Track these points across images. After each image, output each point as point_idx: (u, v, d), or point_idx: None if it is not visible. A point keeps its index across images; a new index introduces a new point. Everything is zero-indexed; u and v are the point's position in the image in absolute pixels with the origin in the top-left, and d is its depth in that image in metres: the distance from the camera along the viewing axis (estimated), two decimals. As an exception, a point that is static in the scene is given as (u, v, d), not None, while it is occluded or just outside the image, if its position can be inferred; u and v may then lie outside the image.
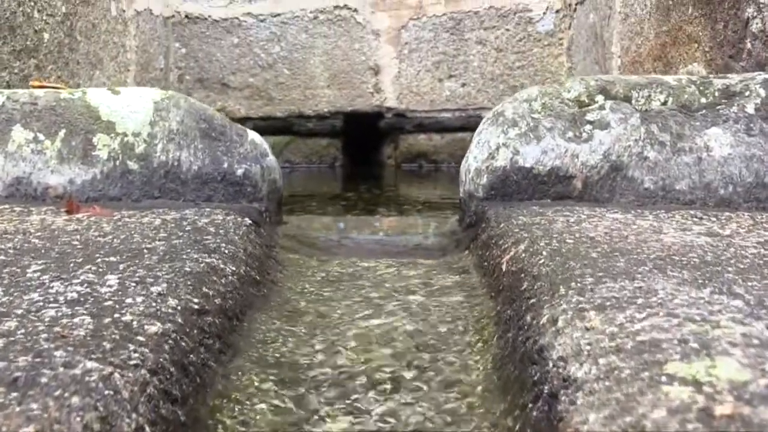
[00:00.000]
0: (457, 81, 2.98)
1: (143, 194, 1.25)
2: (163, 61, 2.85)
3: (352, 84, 2.99)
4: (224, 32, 2.96)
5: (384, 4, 2.97)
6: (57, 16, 1.92)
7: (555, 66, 2.98)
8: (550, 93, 1.29)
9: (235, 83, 2.98)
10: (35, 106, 1.29)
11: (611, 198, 1.24)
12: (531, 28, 2.97)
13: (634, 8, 2.14)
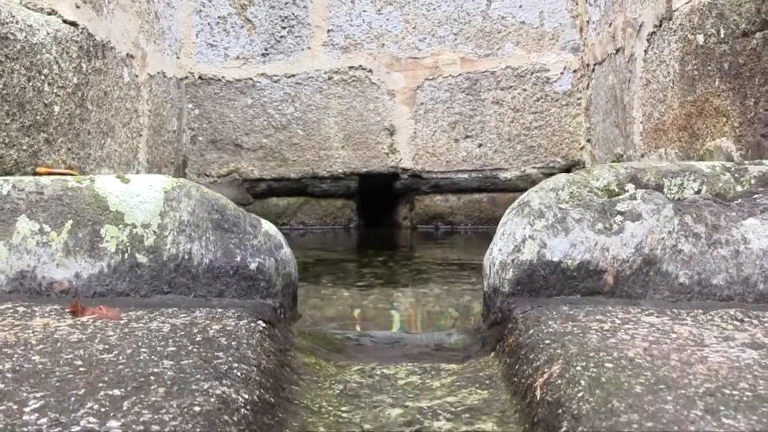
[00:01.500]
0: (473, 141, 2.94)
1: (152, 289, 1.19)
2: (176, 122, 2.82)
3: (367, 145, 2.95)
4: (238, 93, 2.94)
5: (399, 64, 2.94)
6: (68, 87, 1.89)
7: (573, 126, 2.93)
8: (578, 181, 1.24)
9: (249, 144, 2.95)
10: (41, 196, 1.24)
11: (644, 294, 1.17)
12: (548, 88, 2.93)
13: (657, 75, 2.10)
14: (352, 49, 2.94)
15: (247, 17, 2.93)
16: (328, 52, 2.93)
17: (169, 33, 2.78)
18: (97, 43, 2.08)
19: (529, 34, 2.93)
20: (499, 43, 2.93)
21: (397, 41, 2.93)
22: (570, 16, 2.93)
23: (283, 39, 2.93)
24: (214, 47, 2.94)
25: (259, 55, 2.94)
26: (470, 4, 2.93)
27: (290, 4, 2.93)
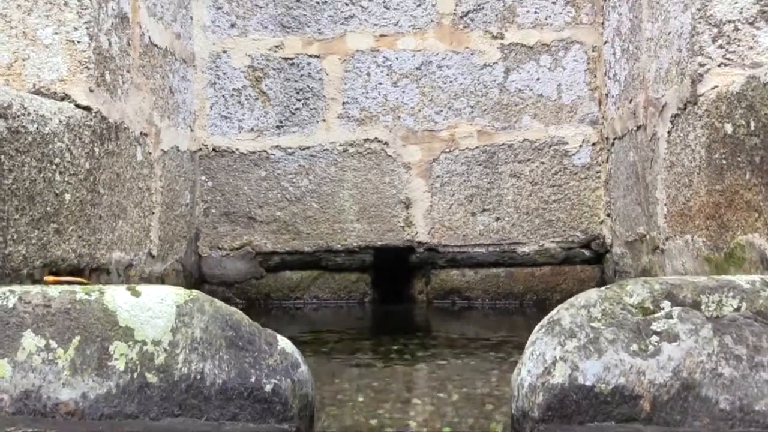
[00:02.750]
0: (490, 215, 2.88)
1: (162, 411, 1.13)
2: (189, 196, 2.78)
3: (382, 218, 2.90)
4: (252, 165, 2.90)
5: (415, 137, 2.90)
6: (80, 174, 1.85)
7: (592, 200, 2.88)
8: (611, 298, 1.18)
9: (262, 217, 2.90)
10: (48, 309, 1.19)
11: (683, 420, 1.10)
12: (567, 161, 2.88)
13: (681, 158, 2.04)
14: (368, 122, 2.90)
15: (262, 89, 2.91)
16: (343, 124, 2.90)
17: (183, 106, 2.75)
18: (110, 125, 2.05)
19: (546, 107, 2.89)
20: (516, 115, 2.89)
21: (413, 114, 2.90)
22: (588, 88, 2.89)
23: (298, 111, 2.91)
24: (228, 119, 2.91)
25: (273, 127, 2.91)
26: (487, 77, 2.90)
27: (305, 76, 2.91)
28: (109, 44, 2.06)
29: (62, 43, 1.92)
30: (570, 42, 2.90)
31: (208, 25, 2.93)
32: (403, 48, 2.92)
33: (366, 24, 2.92)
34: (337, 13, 2.92)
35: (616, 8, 2.68)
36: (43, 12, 1.93)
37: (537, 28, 2.91)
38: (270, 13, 2.92)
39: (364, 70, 2.91)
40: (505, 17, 2.91)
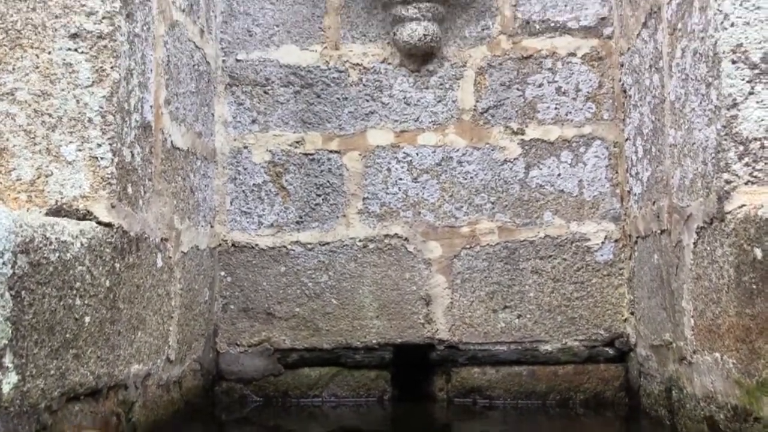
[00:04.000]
0: (512, 312, 2.84)
1: None
2: (207, 292, 2.77)
3: (402, 315, 2.87)
4: (271, 261, 2.89)
5: (435, 233, 2.88)
6: (100, 294, 1.83)
7: (615, 297, 2.84)
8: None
9: (281, 313, 2.88)
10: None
11: None
12: (589, 257, 2.85)
13: (708, 272, 2.01)
14: (388, 217, 2.89)
15: (282, 185, 2.91)
16: (363, 220, 2.89)
17: (203, 204, 2.75)
18: (131, 238, 2.04)
19: (568, 203, 2.87)
20: (537, 211, 2.87)
21: (434, 209, 2.89)
22: (610, 184, 2.88)
23: (318, 207, 2.90)
24: (248, 215, 2.91)
25: (293, 222, 2.90)
26: (508, 173, 2.89)
27: (326, 172, 2.91)
28: (131, 156, 2.06)
29: (85, 160, 1.93)
30: (591, 138, 2.89)
31: (230, 121, 2.94)
32: (424, 144, 2.92)
33: (386, 120, 2.93)
34: (358, 109, 2.93)
35: (637, 107, 2.68)
36: (67, 128, 1.94)
37: (558, 124, 2.90)
38: (291, 109, 2.94)
39: (385, 166, 2.91)
40: (525, 113, 2.91)
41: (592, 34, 2.93)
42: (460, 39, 2.95)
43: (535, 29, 2.94)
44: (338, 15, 2.97)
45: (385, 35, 2.95)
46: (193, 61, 2.66)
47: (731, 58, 1.90)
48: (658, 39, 2.43)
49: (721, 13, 1.91)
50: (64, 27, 1.96)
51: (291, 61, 2.95)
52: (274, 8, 2.98)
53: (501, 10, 2.96)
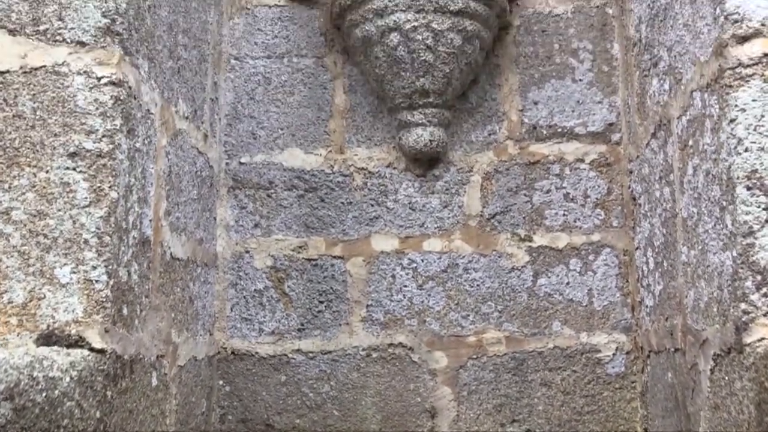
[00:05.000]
0: (520, 426, 2.74)
1: None
2: (205, 403, 2.67)
3: (406, 427, 2.76)
4: (271, 369, 2.80)
5: (441, 342, 2.80)
6: (89, 427, 1.75)
7: (628, 412, 2.74)
8: None
9: (281, 424, 2.78)
10: None
11: None
12: (600, 369, 2.76)
13: (727, 404, 1.92)
14: (392, 326, 2.81)
15: (284, 291, 2.85)
16: (366, 328, 2.81)
17: (203, 312, 2.68)
18: (125, 362, 1.96)
19: (577, 313, 2.80)
20: (546, 321, 2.80)
21: (439, 318, 2.81)
22: (620, 294, 2.80)
23: (321, 314, 2.83)
24: (248, 321, 2.83)
25: (294, 330, 2.82)
26: (515, 281, 2.82)
27: (329, 278, 2.84)
28: (128, 275, 2.00)
29: (79, 283, 1.87)
30: (600, 246, 2.83)
31: (232, 224, 2.89)
32: (429, 250, 2.86)
33: (391, 225, 2.88)
34: (362, 214, 2.88)
35: (647, 217, 2.62)
36: (62, 250, 1.88)
37: (566, 231, 2.85)
38: (294, 213, 2.89)
39: (389, 273, 2.85)
40: (533, 219, 2.86)
41: (600, 140, 2.89)
42: (467, 144, 2.92)
43: (542, 134, 2.90)
44: (343, 119, 2.95)
45: (390, 139, 2.92)
46: (196, 168, 2.62)
47: (746, 184, 1.84)
48: (668, 152, 2.39)
49: (735, 137, 1.86)
50: (63, 145, 1.92)
51: (295, 164, 2.92)
52: (279, 111, 2.96)
53: (507, 115, 2.93)
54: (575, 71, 2.93)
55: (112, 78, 1.95)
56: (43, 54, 1.96)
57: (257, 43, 2.99)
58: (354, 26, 2.81)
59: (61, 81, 1.95)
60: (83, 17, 1.97)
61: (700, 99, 2.08)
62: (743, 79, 1.88)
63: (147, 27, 2.16)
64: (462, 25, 2.73)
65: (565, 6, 2.97)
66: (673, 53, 2.34)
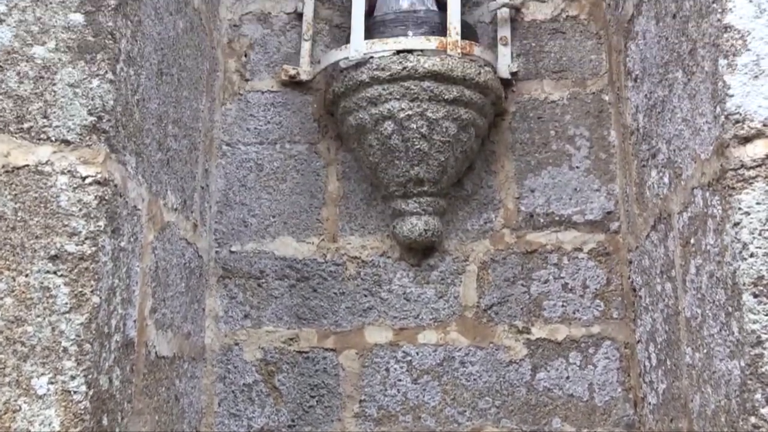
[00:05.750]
0: None
1: None
2: (190, 506, 2.55)
3: None
4: (260, 468, 2.69)
5: (437, 440, 2.69)
6: None
7: None
8: None
9: None
10: None
11: None
12: (602, 469, 2.65)
13: None
14: (386, 422, 2.71)
15: (275, 385, 2.75)
16: (359, 424, 2.71)
17: (189, 409, 2.58)
18: (103, 476, 1.86)
19: (578, 408, 2.70)
20: (546, 417, 2.70)
21: (435, 414, 2.71)
22: (622, 389, 2.71)
23: (312, 409, 2.73)
24: (237, 417, 2.73)
25: (285, 426, 2.72)
26: (513, 375, 2.73)
27: (320, 371, 2.75)
28: (109, 383, 1.91)
29: (57, 394, 1.78)
30: (600, 338, 2.75)
31: (221, 315, 2.81)
32: (424, 342, 2.77)
33: (385, 316, 2.80)
34: (356, 305, 2.81)
35: (648, 311, 2.55)
36: (39, 359, 1.80)
37: (565, 323, 2.77)
38: (285, 303, 2.81)
39: (383, 366, 2.76)
40: (530, 311, 2.78)
41: (598, 229, 2.83)
42: (462, 232, 2.86)
43: (540, 223, 2.85)
44: (336, 206, 2.89)
45: (384, 227, 2.86)
46: (184, 260, 2.55)
47: (752, 291, 1.77)
48: (668, 246, 2.33)
49: (739, 241, 1.80)
50: (44, 248, 1.85)
51: (287, 253, 2.85)
52: (271, 198, 2.90)
53: (504, 203, 2.88)
54: (572, 158, 2.89)
55: (96, 177, 1.89)
56: (27, 153, 1.91)
57: (249, 129, 2.95)
58: (348, 113, 2.77)
59: (44, 181, 1.89)
60: (69, 115, 1.92)
61: (702, 197, 2.03)
62: (746, 181, 1.83)
63: (135, 122, 2.11)
64: (457, 114, 2.69)
65: (560, 92, 2.94)
66: (672, 146, 2.29)
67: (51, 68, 1.95)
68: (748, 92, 1.86)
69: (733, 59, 1.88)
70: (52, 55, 1.96)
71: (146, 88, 2.19)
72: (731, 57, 1.88)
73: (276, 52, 3.01)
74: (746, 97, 1.86)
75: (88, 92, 1.93)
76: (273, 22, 3.04)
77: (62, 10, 1.98)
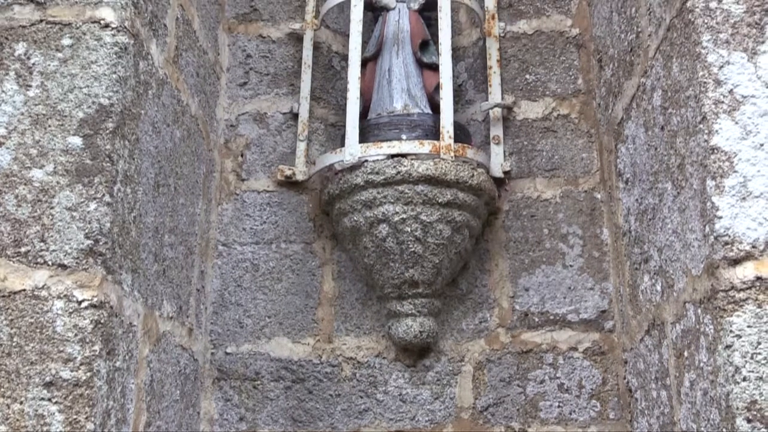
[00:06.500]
0: None
1: None
2: None
3: None
4: None
5: None
6: None
7: None
8: None
9: None
10: None
11: None
12: None
13: None
14: None
15: (270, 490, 2.72)
16: None
17: None
18: None
19: None
20: None
21: None
22: (620, 492, 2.69)
23: None
24: None
25: None
26: (510, 478, 2.71)
27: (316, 476, 2.73)
28: (102, 508, 1.89)
29: None
30: (598, 441, 2.74)
31: (216, 418, 2.80)
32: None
33: (381, 418, 2.78)
34: (351, 407, 2.80)
35: (644, 414, 2.54)
36: (32, 489, 1.79)
37: (561, 424, 2.76)
38: (281, 405, 2.80)
39: (379, 472, 2.74)
40: (527, 411, 2.77)
41: (592, 328, 2.84)
42: (457, 332, 2.86)
43: (534, 322, 2.86)
44: (332, 306, 2.90)
45: (379, 328, 2.87)
46: (179, 367, 2.55)
47: (746, 416, 1.78)
48: (663, 354, 2.34)
49: (732, 365, 1.81)
50: (39, 374, 1.86)
51: (282, 354, 2.85)
52: (267, 298, 2.91)
53: (498, 302, 2.89)
54: (565, 257, 2.91)
55: (93, 301, 1.91)
56: (24, 277, 1.92)
57: (246, 228, 2.97)
58: (343, 215, 2.80)
59: (40, 306, 1.90)
60: (66, 239, 1.94)
61: (694, 313, 2.05)
62: (737, 303, 1.85)
63: (132, 239, 2.13)
64: (451, 216, 2.72)
65: (553, 191, 2.98)
66: (663, 256, 2.32)
67: (49, 191, 1.98)
68: (736, 214, 1.89)
69: (721, 180, 1.92)
70: (50, 179, 1.99)
71: (143, 203, 2.22)
72: (719, 178, 1.92)
73: (272, 151, 3.06)
74: (735, 219, 1.89)
75: (86, 215, 1.96)
76: (269, 122, 3.09)
77: (61, 133, 2.02)
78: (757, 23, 2.02)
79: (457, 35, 3.31)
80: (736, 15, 2.02)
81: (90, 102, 2.03)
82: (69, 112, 2.03)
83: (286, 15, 3.21)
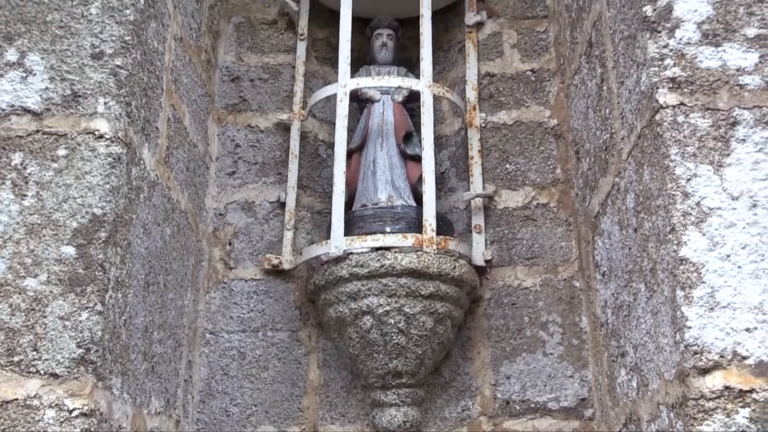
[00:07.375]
0: None
1: None
2: None
3: None
4: None
5: None
6: None
7: None
8: None
9: None
10: None
11: None
12: None
13: None
14: None
15: None
16: None
17: None
18: None
19: None
20: None
21: None
22: None
23: None
24: None
25: None
26: None
27: None
28: None
29: None
30: None
31: None
32: None
33: (365, 508, 2.82)
34: (336, 496, 2.83)
35: (624, 506, 2.59)
36: None
37: None
38: (266, 495, 2.84)
39: None
40: (509, 500, 2.82)
41: (572, 416, 2.90)
42: (440, 420, 2.91)
43: (516, 410, 2.91)
44: (317, 395, 2.95)
45: (364, 416, 2.92)
46: (167, 461, 2.58)
47: None
48: (640, 450, 2.39)
49: (703, 474, 1.88)
50: (30, 484, 1.90)
51: (268, 444, 2.89)
52: (253, 387, 2.96)
53: (480, 390, 2.95)
54: (546, 345, 2.98)
55: (83, 410, 1.96)
56: (16, 386, 1.97)
57: (233, 317, 3.03)
58: (328, 305, 2.86)
59: (32, 415, 1.95)
60: (58, 348, 2.00)
61: (667, 416, 2.11)
62: (707, 412, 1.91)
63: (122, 342, 2.19)
64: (434, 308, 2.79)
65: (533, 279, 3.06)
66: (638, 354, 2.39)
67: (42, 300, 2.04)
68: (704, 324, 1.97)
69: (690, 291, 2.00)
70: (43, 288, 2.05)
71: (133, 305, 2.29)
72: (687, 289, 2.00)
73: (259, 240, 3.13)
74: (703, 330, 1.97)
75: (77, 325, 2.02)
76: (257, 211, 3.17)
77: (55, 242, 2.09)
78: (722, 137, 2.12)
79: (440, 124, 3.42)
80: (702, 129, 2.13)
81: (84, 212, 2.10)
82: (63, 221, 2.10)
83: (274, 105, 3.31)
